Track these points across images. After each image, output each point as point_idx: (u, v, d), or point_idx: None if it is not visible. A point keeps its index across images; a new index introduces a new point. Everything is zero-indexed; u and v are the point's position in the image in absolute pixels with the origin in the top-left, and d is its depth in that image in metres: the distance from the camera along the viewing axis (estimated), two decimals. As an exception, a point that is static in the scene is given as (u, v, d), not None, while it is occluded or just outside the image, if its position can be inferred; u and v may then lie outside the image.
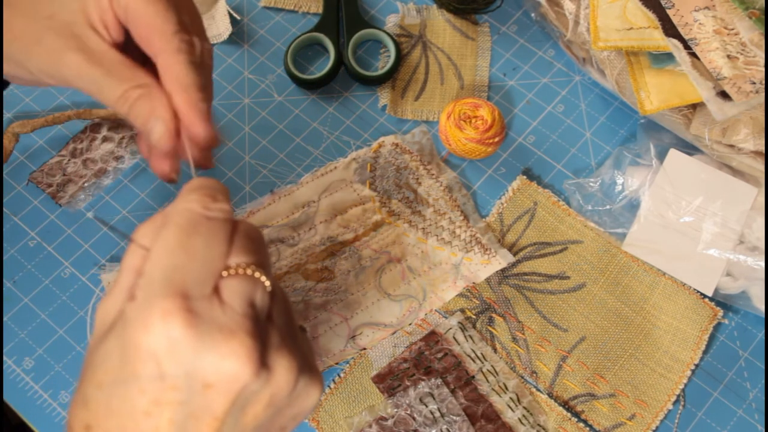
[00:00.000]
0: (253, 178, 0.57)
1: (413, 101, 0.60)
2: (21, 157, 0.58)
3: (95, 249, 0.55)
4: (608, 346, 0.52)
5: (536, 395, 0.50)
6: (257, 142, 0.59)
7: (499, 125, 0.55)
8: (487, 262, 0.53)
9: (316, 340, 0.51)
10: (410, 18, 0.63)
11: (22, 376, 0.51)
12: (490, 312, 0.52)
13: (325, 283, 0.53)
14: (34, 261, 0.54)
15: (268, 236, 0.54)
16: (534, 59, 0.62)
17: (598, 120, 0.60)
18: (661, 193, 0.54)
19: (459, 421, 0.48)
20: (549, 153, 0.58)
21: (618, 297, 0.53)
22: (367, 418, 0.49)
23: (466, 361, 0.50)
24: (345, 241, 0.54)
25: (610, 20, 0.54)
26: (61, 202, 0.56)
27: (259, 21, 0.64)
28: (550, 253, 0.54)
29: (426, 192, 0.56)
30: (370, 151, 0.57)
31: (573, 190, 0.56)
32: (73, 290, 0.54)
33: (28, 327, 0.52)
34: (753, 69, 0.50)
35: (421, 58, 0.62)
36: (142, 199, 0.57)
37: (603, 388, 0.50)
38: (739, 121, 0.51)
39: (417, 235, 0.54)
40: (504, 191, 0.57)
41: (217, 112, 0.60)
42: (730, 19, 0.52)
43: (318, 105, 0.60)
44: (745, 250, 0.52)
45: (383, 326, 0.52)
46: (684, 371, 0.51)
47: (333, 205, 0.55)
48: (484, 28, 0.63)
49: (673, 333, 0.52)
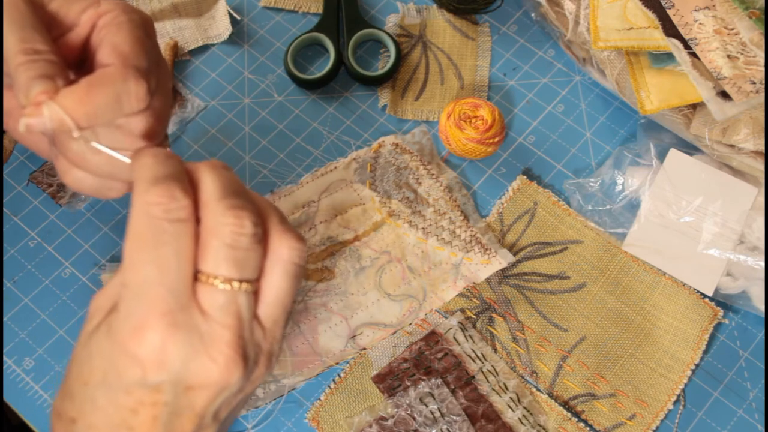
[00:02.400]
0: (253, 178, 0.57)
1: (413, 101, 0.60)
2: (21, 157, 0.58)
3: (95, 249, 0.55)
4: (608, 346, 0.52)
5: (536, 395, 0.50)
6: (257, 142, 0.59)
7: (499, 125, 0.55)
8: (487, 262, 0.53)
9: (315, 340, 0.51)
10: (410, 18, 0.63)
11: (23, 376, 0.51)
12: (490, 312, 0.52)
13: (325, 283, 0.53)
14: (34, 261, 0.54)
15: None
16: (534, 59, 0.62)
17: (598, 120, 0.60)
18: (661, 193, 0.54)
19: (459, 421, 0.48)
20: (549, 153, 0.58)
21: (618, 297, 0.53)
22: (367, 418, 0.49)
23: (467, 361, 0.50)
24: (345, 241, 0.54)
25: (610, 20, 0.54)
26: (61, 202, 0.56)
27: (259, 21, 0.64)
28: (550, 253, 0.54)
29: (426, 192, 0.56)
30: (370, 151, 0.57)
31: (573, 190, 0.56)
32: (74, 290, 0.54)
33: (28, 327, 0.52)
34: (753, 69, 0.50)
35: (421, 58, 0.62)
36: (142, 199, 0.56)
37: (603, 388, 0.50)
38: (739, 121, 0.51)
39: (417, 235, 0.54)
40: (504, 191, 0.57)
41: (217, 112, 0.60)
42: (730, 19, 0.52)
43: (318, 105, 0.60)
44: (745, 250, 0.52)
45: (383, 326, 0.52)
46: (684, 371, 0.51)
47: (333, 205, 0.55)
48: (484, 28, 0.63)
49: (673, 333, 0.52)
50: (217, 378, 0.30)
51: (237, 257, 0.30)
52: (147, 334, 0.29)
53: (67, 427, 0.32)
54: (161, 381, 0.30)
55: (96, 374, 0.31)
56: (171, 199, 0.29)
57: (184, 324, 0.29)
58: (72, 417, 0.31)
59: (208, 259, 0.30)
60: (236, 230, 0.30)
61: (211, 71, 0.61)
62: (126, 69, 0.33)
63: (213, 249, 0.30)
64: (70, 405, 0.32)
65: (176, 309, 0.29)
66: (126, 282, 0.30)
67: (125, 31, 0.35)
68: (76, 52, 0.37)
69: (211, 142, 0.59)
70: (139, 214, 0.29)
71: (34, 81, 0.31)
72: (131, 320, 0.29)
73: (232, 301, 0.30)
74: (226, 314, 0.30)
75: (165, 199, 0.29)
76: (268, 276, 0.32)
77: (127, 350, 0.29)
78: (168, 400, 0.30)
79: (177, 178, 0.30)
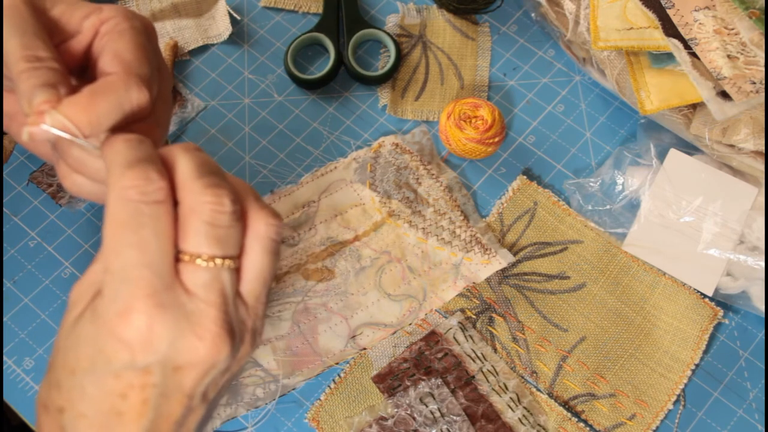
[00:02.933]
0: (253, 178, 0.57)
1: (413, 101, 0.60)
2: (21, 157, 0.58)
3: (95, 249, 0.55)
4: (608, 346, 0.52)
5: (536, 395, 0.50)
6: (257, 142, 0.59)
7: (499, 125, 0.55)
8: (487, 262, 0.53)
9: (315, 340, 0.51)
10: (410, 18, 0.63)
11: (22, 376, 0.51)
12: (490, 312, 0.52)
13: (325, 283, 0.53)
14: (34, 261, 0.54)
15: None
16: (534, 59, 0.62)
17: (598, 120, 0.60)
18: (661, 193, 0.54)
19: (459, 421, 0.48)
20: (549, 153, 0.58)
21: (618, 297, 0.53)
22: (367, 418, 0.49)
23: (467, 361, 0.50)
24: (345, 241, 0.54)
25: (610, 20, 0.54)
26: (61, 202, 0.56)
27: (259, 21, 0.64)
28: (550, 253, 0.54)
29: (426, 192, 0.56)
30: (370, 151, 0.57)
31: (573, 190, 0.56)
32: (73, 290, 0.54)
33: (28, 327, 0.52)
34: (753, 69, 0.50)
35: (421, 58, 0.62)
36: (142, 199, 0.56)
37: (603, 388, 0.50)
38: (739, 121, 0.51)
39: (417, 235, 0.54)
40: (504, 191, 0.57)
41: (218, 112, 0.60)
42: (730, 19, 0.52)
43: (318, 105, 0.60)
44: (745, 250, 0.52)
45: (383, 326, 0.52)
46: (684, 371, 0.51)
47: (333, 205, 0.55)
48: (484, 28, 0.63)
49: (673, 333, 0.52)
50: (205, 355, 0.30)
51: (218, 235, 0.30)
52: (134, 316, 0.29)
53: (54, 417, 0.32)
54: (150, 362, 0.30)
55: (83, 361, 0.31)
56: (147, 181, 0.29)
57: (170, 304, 0.29)
58: (60, 406, 0.31)
59: (189, 239, 0.30)
60: (216, 208, 0.30)
61: (211, 71, 0.61)
62: (128, 77, 0.33)
63: (193, 228, 0.30)
64: (57, 395, 0.32)
65: (161, 290, 0.29)
66: (108, 267, 0.30)
67: (127, 38, 0.35)
68: (78, 58, 0.37)
69: (211, 142, 0.59)
70: (116, 199, 0.29)
71: (37, 89, 0.31)
72: (116, 304, 0.29)
73: (216, 278, 0.30)
74: (210, 292, 0.30)
75: (141, 182, 0.29)
76: (248, 253, 0.32)
77: (115, 334, 0.29)
78: (157, 382, 0.30)
79: (150, 160, 0.30)
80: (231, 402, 0.49)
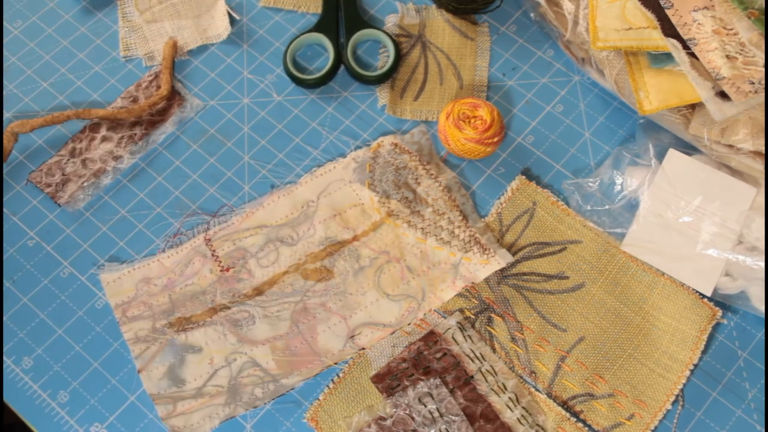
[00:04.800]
0: (252, 177, 0.57)
1: (412, 101, 0.60)
2: (20, 157, 0.58)
3: (94, 249, 0.55)
4: (607, 346, 0.52)
5: (535, 395, 0.50)
6: (256, 141, 0.59)
7: (498, 125, 0.55)
8: (486, 262, 0.53)
9: (314, 340, 0.51)
10: (409, 18, 0.63)
11: (21, 376, 0.51)
12: (489, 312, 0.52)
13: (324, 283, 0.53)
14: (33, 261, 0.54)
15: (267, 236, 0.54)
16: (533, 59, 0.62)
17: (598, 120, 0.60)
18: (660, 193, 0.54)
19: (458, 421, 0.48)
20: (548, 153, 0.58)
21: (617, 297, 0.53)
22: (366, 418, 0.49)
23: (465, 361, 0.50)
24: (344, 241, 0.54)
25: (609, 20, 0.54)
26: (60, 201, 0.56)
27: (259, 21, 0.64)
28: (549, 253, 0.54)
29: (425, 192, 0.56)
30: (369, 151, 0.57)
31: (572, 190, 0.56)
32: (72, 290, 0.54)
33: (27, 327, 0.52)
34: (752, 69, 0.50)
35: (420, 58, 0.62)
36: (141, 199, 0.57)
37: (602, 388, 0.50)
38: (738, 121, 0.51)
39: (416, 235, 0.54)
40: (503, 191, 0.57)
41: (217, 112, 0.60)
42: (729, 19, 0.52)
43: (317, 105, 0.60)
44: (744, 250, 0.52)
45: (382, 326, 0.52)
46: (683, 371, 0.51)
47: (332, 205, 0.55)
48: (483, 28, 0.63)
49: (672, 333, 0.52)
50: None
51: None
52: None
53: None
54: None
55: None
56: None
57: None
58: None
59: None
60: None
61: (211, 71, 0.61)
62: None
63: None
64: None
65: None
66: None
67: None
68: None
69: (211, 141, 0.59)
70: None
71: None
72: None
73: None
74: None
75: None
76: None
77: None
78: None
79: None
80: (230, 402, 0.49)
